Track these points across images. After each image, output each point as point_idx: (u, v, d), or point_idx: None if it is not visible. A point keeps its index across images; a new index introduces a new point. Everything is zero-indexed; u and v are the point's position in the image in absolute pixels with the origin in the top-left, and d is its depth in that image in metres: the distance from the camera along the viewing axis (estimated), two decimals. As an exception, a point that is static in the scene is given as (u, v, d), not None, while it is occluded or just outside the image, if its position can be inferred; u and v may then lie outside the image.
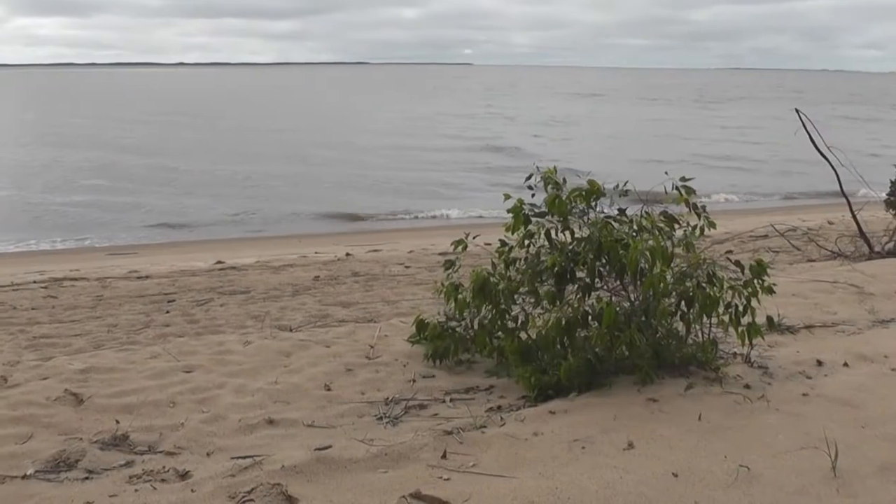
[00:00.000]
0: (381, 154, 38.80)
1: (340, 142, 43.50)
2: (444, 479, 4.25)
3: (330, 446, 4.70)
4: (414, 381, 6.12)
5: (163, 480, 4.36)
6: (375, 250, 15.79)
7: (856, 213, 12.46)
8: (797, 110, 12.34)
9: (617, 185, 5.83)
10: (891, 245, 12.26)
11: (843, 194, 12.65)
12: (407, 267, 13.32)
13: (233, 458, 4.60)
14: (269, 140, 44.72)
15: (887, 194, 13.34)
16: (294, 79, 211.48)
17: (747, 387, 5.56)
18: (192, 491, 4.16)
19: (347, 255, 14.93)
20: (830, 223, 17.08)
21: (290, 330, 8.15)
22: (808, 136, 11.99)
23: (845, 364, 6.17)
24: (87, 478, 4.44)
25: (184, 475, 4.41)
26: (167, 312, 10.09)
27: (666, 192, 5.80)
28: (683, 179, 5.73)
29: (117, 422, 5.25)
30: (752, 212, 23.37)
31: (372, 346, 6.97)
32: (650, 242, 5.38)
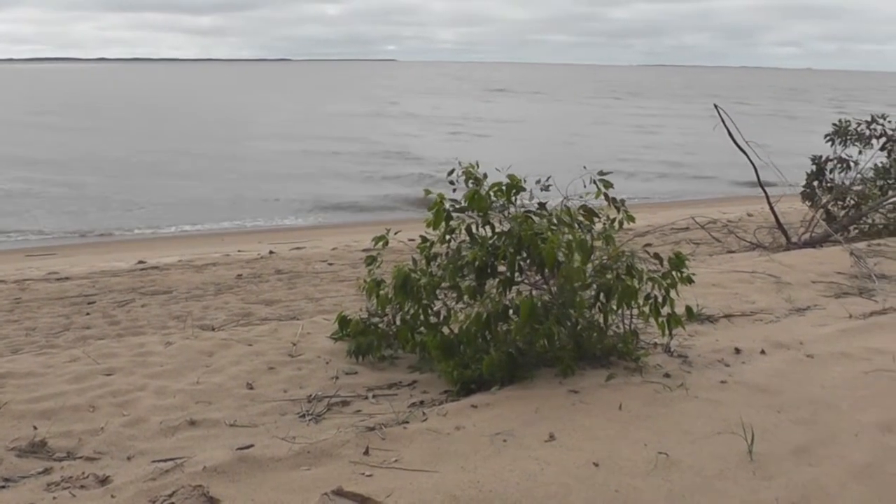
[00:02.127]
0: (257, 158, 36.80)
1: (216, 148, 40.74)
2: (367, 476, 4.23)
3: (252, 445, 4.65)
4: (337, 377, 6.10)
5: (82, 487, 4.26)
6: (299, 248, 15.73)
7: (773, 205, 12.72)
8: (716, 106, 12.56)
9: (539, 181, 5.88)
10: (807, 236, 12.54)
11: (761, 186, 12.88)
12: (330, 264, 13.30)
13: (154, 462, 4.53)
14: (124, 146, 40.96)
15: (803, 186, 13.64)
16: (212, 76, 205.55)
17: (667, 375, 5.64)
18: (112, 496, 4.08)
19: (271, 252, 14.86)
20: (750, 215, 17.43)
21: (213, 329, 8.07)
22: (726, 131, 12.22)
23: (762, 351, 6.30)
24: (3, 486, 4.33)
25: (104, 481, 4.32)
26: (87, 314, 9.94)
27: (584, 187, 5.86)
28: (601, 174, 5.79)
29: (35, 428, 5.13)
30: (674, 205, 23.75)
31: (294, 344, 6.93)
32: (567, 236, 5.43)
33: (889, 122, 13.27)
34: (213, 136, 46.92)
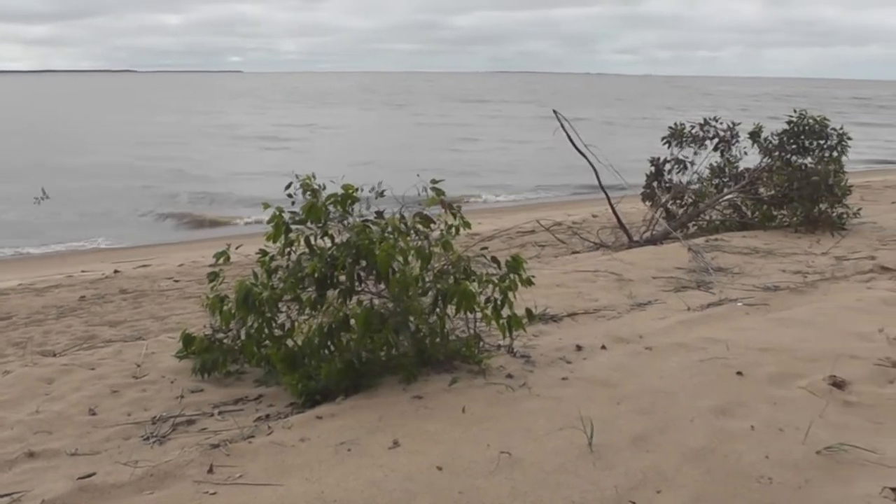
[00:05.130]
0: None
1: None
2: (211, 494, 4.19)
3: (94, 474, 4.54)
4: (182, 396, 5.99)
5: None
6: (145, 265, 15.34)
7: (615, 205, 13.10)
8: (555, 112, 12.86)
9: (373, 188, 5.92)
10: (648, 234, 12.97)
11: (602, 189, 13.24)
12: (176, 281, 13.00)
13: (-12, 499, 4.38)
14: None
15: (643, 187, 14.11)
16: (41, 88, 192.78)
17: (510, 376, 5.75)
18: (-58, 537, 3.93)
19: (115, 272, 14.44)
20: (594, 216, 17.83)
21: (54, 355, 7.80)
22: (566, 136, 12.51)
23: (603, 347, 6.48)
24: None
25: (-68, 523, 4.17)
26: (-85, 349, 9.44)
27: (418, 195, 5.93)
28: (434, 182, 5.87)
29: None
30: (520, 208, 24.07)
31: (139, 365, 6.76)
32: (400, 243, 5.49)
33: (721, 124, 13.88)
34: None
